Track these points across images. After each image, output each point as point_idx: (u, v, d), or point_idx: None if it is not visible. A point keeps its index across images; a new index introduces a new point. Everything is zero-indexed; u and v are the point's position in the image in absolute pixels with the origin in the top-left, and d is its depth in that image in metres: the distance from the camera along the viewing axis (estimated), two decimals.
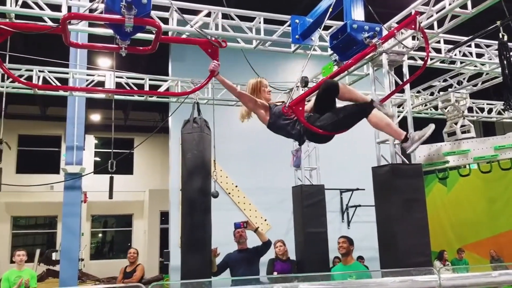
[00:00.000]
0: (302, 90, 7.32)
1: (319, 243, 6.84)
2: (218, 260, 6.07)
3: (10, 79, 7.07)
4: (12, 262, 14.77)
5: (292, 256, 7.01)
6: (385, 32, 4.77)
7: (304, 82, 6.96)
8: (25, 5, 5.04)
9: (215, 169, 5.73)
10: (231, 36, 5.90)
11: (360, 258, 9.20)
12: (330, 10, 4.36)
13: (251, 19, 5.92)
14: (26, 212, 16.07)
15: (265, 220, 9.58)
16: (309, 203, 7.03)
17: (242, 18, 5.87)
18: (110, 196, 6.23)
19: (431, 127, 3.89)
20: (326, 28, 5.95)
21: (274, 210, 9.29)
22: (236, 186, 9.65)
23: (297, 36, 5.53)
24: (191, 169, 5.81)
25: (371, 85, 5.96)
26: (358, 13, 4.55)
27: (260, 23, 5.83)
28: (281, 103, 4.01)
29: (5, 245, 15.45)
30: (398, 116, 5.99)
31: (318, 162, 7.79)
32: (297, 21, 5.54)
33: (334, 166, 9.08)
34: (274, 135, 4.28)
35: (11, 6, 4.96)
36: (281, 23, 5.90)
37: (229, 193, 9.58)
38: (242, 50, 6.17)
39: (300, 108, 3.98)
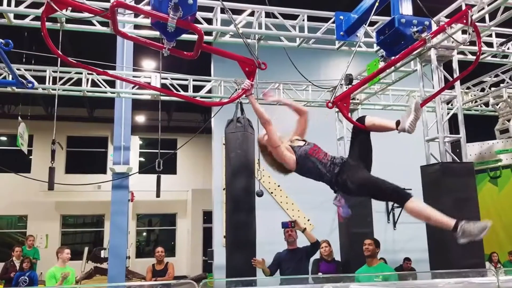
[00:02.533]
0: (346, 88, 7.22)
1: None
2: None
3: (61, 82, 7.33)
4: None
5: (337, 256, 6.91)
6: (434, 27, 4.62)
7: (349, 79, 6.85)
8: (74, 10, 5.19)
9: (259, 168, 5.72)
10: (274, 35, 5.88)
11: (407, 260, 8.96)
12: (377, 4, 4.22)
13: (294, 17, 5.88)
14: (75, 211, 16.63)
15: (308, 220, 9.50)
16: (354, 203, 6.90)
17: (285, 16, 5.84)
18: (158, 195, 6.34)
19: (487, 225, 3.02)
20: (372, 23, 5.82)
21: (317, 210, 9.18)
22: (279, 186, 9.62)
23: (341, 33, 5.44)
24: (235, 168, 5.83)
25: (419, 81, 5.79)
26: (406, 7, 4.45)
27: (303, 20, 5.77)
28: (303, 143, 3.66)
29: (55, 243, 16.03)
30: (448, 114, 5.79)
31: None
32: (341, 17, 5.45)
33: (379, 165, 8.84)
34: (316, 134, 4.19)
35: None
36: (325, 20, 5.83)
37: (272, 193, 9.56)
38: (285, 49, 6.14)
39: (345, 104, 3.91)
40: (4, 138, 17.01)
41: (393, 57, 4.61)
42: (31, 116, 12.73)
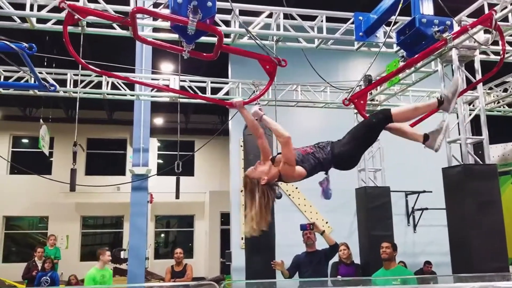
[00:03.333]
0: None
1: None
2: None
3: (82, 85, 7.43)
4: (82, 260, 15.67)
5: (356, 259, 6.86)
6: (456, 26, 4.55)
7: (368, 80, 6.78)
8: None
9: None
10: (293, 36, 5.86)
11: (428, 263, 8.83)
12: (400, 5, 4.17)
13: (312, 18, 5.85)
14: (94, 212, 16.83)
15: (326, 222, 9.44)
16: (373, 205, 6.86)
17: (304, 17, 5.81)
18: (177, 196, 6.37)
19: (457, 78, 3.46)
20: (391, 24, 5.75)
21: (336, 212, 9.12)
22: (296, 188, 9.58)
23: (361, 34, 5.39)
24: None
25: (440, 82, 5.70)
26: (427, 7, 4.39)
27: (322, 21, 5.74)
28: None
29: (76, 244, 16.28)
30: (470, 115, 5.69)
31: (383, 163, 7.57)
32: (360, 18, 5.41)
33: (399, 167, 8.78)
34: (334, 136, 4.14)
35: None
36: (344, 20, 5.79)
37: (289, 195, 9.53)
38: (303, 50, 6.10)
39: (362, 102, 3.88)
40: (25, 140, 17.32)
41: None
42: (52, 119, 12.91)
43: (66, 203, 15.85)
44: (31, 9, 5.04)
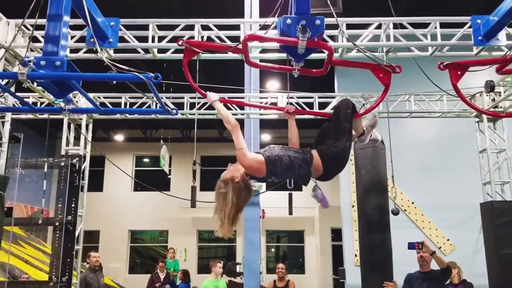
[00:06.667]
0: (487, 95, 6.64)
1: None
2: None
3: (197, 107, 7.90)
4: (199, 272, 16.43)
5: (483, 280, 6.32)
6: None
7: (490, 86, 6.25)
8: (209, 39, 5.57)
9: (393, 185, 5.50)
10: (404, 46, 5.64)
11: None
12: None
13: (424, 25, 5.58)
14: (209, 226, 17.57)
15: (448, 239, 8.82)
16: (502, 221, 6.27)
17: (415, 25, 5.57)
18: (290, 212, 6.43)
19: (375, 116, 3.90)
20: None
21: (458, 228, 8.52)
22: (413, 203, 9.11)
23: (480, 38, 5.03)
24: (367, 185, 5.70)
25: None
26: None
27: (435, 28, 5.45)
28: None
29: (193, 257, 17.16)
30: None
31: (511, 175, 6.91)
32: (478, 21, 5.06)
33: None
34: (454, 146, 3.92)
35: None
36: (459, 25, 5.44)
37: (405, 210, 9.08)
38: (415, 59, 5.84)
39: (459, 73, 4.03)
40: (146, 160, 18.80)
41: None
42: (170, 139, 13.85)
43: (183, 218, 16.81)
44: (153, 40, 5.50)
